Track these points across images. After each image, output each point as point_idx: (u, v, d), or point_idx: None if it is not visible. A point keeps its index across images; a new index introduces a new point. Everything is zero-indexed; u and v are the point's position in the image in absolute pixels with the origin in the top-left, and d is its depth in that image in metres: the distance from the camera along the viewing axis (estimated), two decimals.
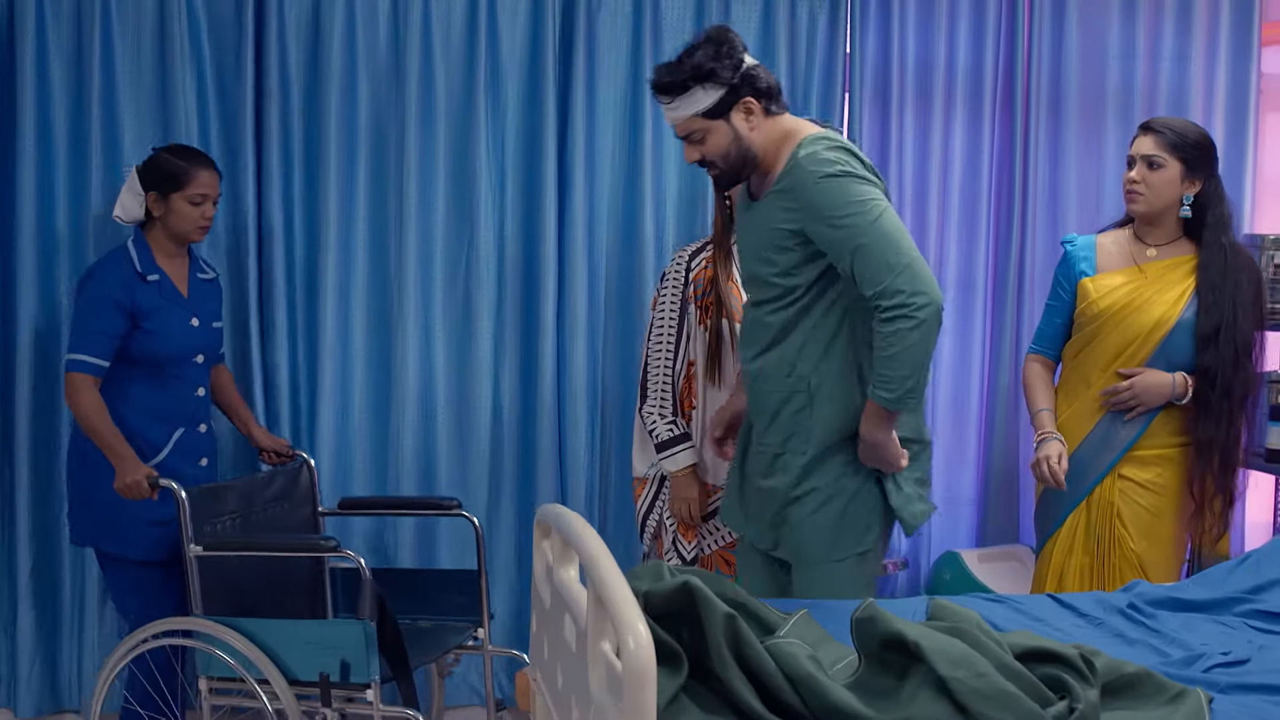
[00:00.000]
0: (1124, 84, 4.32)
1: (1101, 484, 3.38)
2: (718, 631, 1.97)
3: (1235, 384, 3.27)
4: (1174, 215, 3.34)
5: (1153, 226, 3.37)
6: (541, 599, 2.55)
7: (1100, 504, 3.37)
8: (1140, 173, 3.31)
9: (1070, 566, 3.41)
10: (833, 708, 1.91)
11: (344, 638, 3.00)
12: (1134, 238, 3.42)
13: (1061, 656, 1.98)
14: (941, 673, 1.88)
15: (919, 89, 4.24)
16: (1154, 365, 3.33)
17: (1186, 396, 3.28)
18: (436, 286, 3.96)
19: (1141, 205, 3.33)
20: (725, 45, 2.77)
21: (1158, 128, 3.33)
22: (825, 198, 2.72)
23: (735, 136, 2.80)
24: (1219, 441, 3.29)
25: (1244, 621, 2.64)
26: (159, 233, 3.39)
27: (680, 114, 2.79)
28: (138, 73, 3.74)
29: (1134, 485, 3.34)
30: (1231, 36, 4.32)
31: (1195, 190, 3.30)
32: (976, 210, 4.31)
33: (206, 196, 3.37)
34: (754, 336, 2.92)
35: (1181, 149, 3.28)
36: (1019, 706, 1.86)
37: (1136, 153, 3.33)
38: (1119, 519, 3.33)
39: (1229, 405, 3.27)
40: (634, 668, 1.77)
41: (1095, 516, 3.38)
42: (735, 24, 4.06)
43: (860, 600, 2.09)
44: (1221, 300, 3.25)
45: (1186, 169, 3.29)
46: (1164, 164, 3.28)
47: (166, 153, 3.39)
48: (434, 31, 3.89)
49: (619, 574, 1.96)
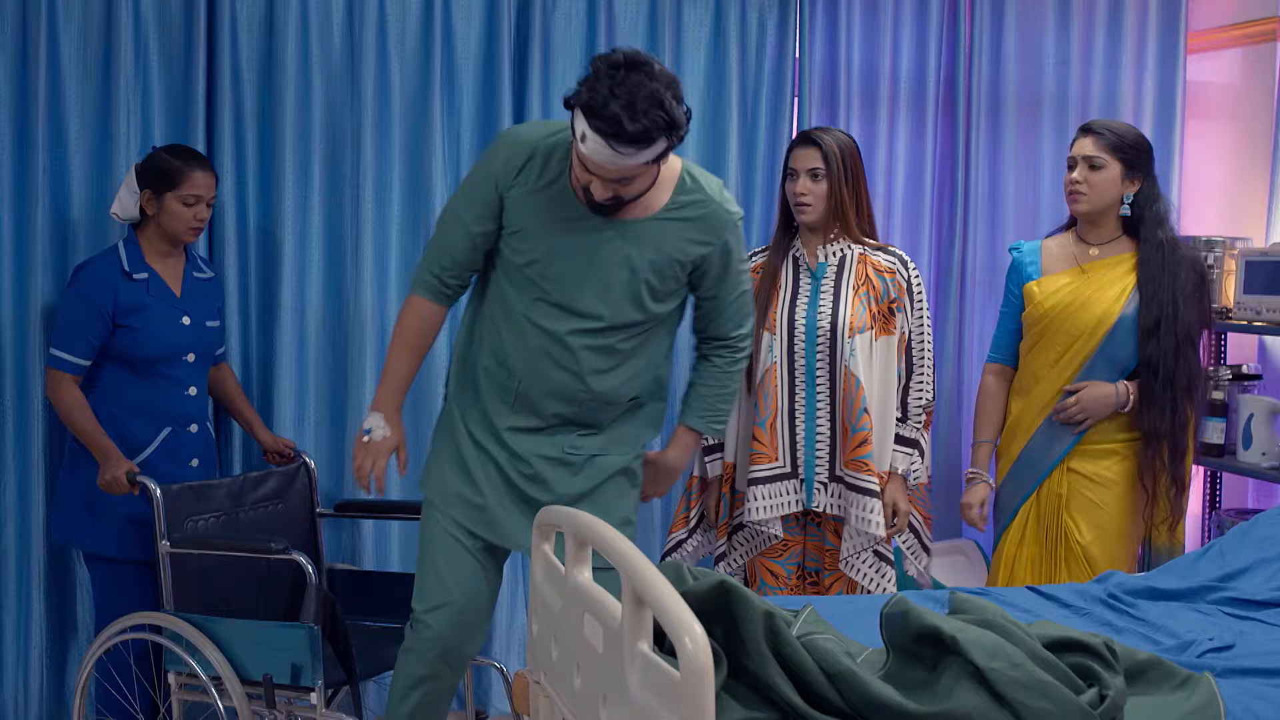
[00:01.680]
0: (1059, 89, 4.46)
1: (1050, 477, 3.49)
2: (757, 629, 2.00)
3: (1178, 374, 3.37)
4: (1114, 214, 3.47)
5: (1094, 226, 3.49)
6: (546, 602, 2.55)
7: (1049, 497, 3.49)
8: (1082, 173, 3.43)
9: (1021, 557, 3.53)
10: (875, 701, 1.95)
11: (290, 640, 3.00)
12: (1077, 239, 3.54)
13: (1087, 645, 2.04)
14: (980, 664, 1.93)
15: (864, 93, 4.32)
16: (1098, 361, 3.44)
17: (1129, 404, 3.40)
18: (392, 289, 3.93)
19: (1084, 205, 3.45)
20: (678, 89, 2.67)
21: (1097, 129, 3.45)
22: (738, 238, 2.97)
23: (654, 176, 2.81)
24: (1166, 431, 3.39)
25: (1219, 609, 2.75)
26: (152, 231, 3.39)
27: (632, 162, 2.65)
28: (83, 70, 3.65)
29: (1082, 479, 3.45)
30: (1159, 45, 4.48)
31: (1135, 189, 3.43)
32: (920, 212, 4.40)
33: (200, 198, 3.36)
34: (596, 362, 2.95)
35: (1121, 149, 3.40)
36: (1056, 694, 1.92)
37: (1078, 154, 3.45)
38: (1067, 511, 3.44)
39: (1173, 394, 3.38)
40: (693, 667, 1.79)
41: (1044, 509, 3.50)
42: (686, 28, 4.11)
43: (888, 596, 2.13)
44: (1161, 293, 3.36)
45: (1126, 169, 3.41)
46: (1104, 164, 3.40)
47: (165, 152, 3.39)
48: (389, 31, 3.87)
49: (660, 575, 1.98)
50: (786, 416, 3.41)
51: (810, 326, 3.40)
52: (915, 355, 3.47)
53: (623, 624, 2.05)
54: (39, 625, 3.66)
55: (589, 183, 2.73)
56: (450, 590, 2.95)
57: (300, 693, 3.06)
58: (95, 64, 3.65)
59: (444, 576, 2.96)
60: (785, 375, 3.42)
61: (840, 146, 3.40)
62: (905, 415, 3.45)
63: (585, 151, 2.65)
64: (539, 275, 2.88)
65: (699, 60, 4.12)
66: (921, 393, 3.46)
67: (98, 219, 3.66)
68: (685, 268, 2.92)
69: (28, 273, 3.61)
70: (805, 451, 3.41)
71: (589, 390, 2.92)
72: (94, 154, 3.67)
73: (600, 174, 2.70)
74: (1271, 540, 2.96)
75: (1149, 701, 2.10)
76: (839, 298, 3.40)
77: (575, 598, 2.34)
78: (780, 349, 3.42)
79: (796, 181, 3.42)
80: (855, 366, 3.35)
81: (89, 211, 3.67)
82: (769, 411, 3.42)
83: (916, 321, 3.46)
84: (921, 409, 3.47)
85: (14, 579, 3.65)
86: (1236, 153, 4.56)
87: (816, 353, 3.40)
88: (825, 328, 3.38)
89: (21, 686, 3.67)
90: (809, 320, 3.40)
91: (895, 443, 3.43)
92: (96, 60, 3.65)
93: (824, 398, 3.40)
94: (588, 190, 2.75)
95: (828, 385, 3.40)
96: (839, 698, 2.00)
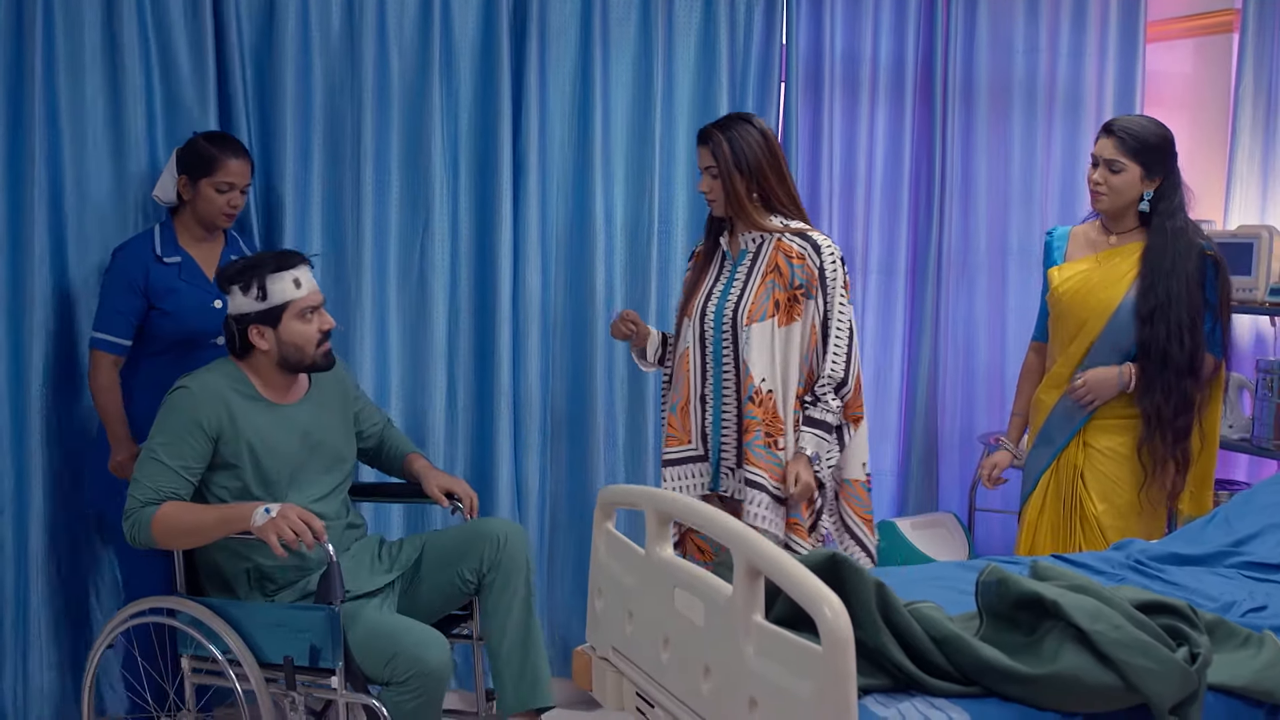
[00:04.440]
0: (1028, 77, 4.61)
1: (1067, 449, 3.62)
2: (870, 598, 2.08)
3: (1176, 357, 3.45)
4: (1135, 209, 3.56)
5: (1116, 219, 3.60)
6: (615, 579, 2.60)
7: (1065, 467, 3.63)
8: (1102, 175, 3.50)
9: (1042, 524, 3.67)
10: (984, 664, 2.05)
11: (309, 622, 3.02)
12: (1101, 227, 3.64)
13: (1173, 607, 2.16)
14: (1084, 626, 2.04)
15: (846, 80, 4.43)
16: (1103, 344, 3.56)
17: (1131, 384, 3.54)
18: (391, 272, 3.94)
19: (1104, 204, 3.54)
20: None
21: (1118, 131, 3.49)
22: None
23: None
24: (1166, 413, 3.51)
25: (1238, 572, 2.89)
26: (188, 216, 3.45)
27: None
28: (79, 56, 3.57)
29: (1096, 452, 3.58)
30: (1119, 34, 4.65)
31: (1155, 187, 3.50)
32: (898, 196, 4.53)
33: (233, 185, 3.39)
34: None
35: (1140, 153, 3.47)
36: (1156, 653, 2.04)
37: (1099, 154, 3.51)
38: (1082, 481, 3.58)
39: (1171, 377, 3.49)
40: (836, 637, 1.87)
41: (1062, 480, 3.64)
42: (678, 15, 4.16)
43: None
44: (1159, 281, 3.46)
45: (1145, 171, 3.47)
46: (1124, 168, 3.47)
47: (203, 138, 3.41)
48: (388, 14, 3.86)
49: (779, 549, 2.05)
50: (698, 401, 3.47)
51: (718, 314, 3.43)
52: (826, 339, 3.40)
53: (735, 597, 2.12)
54: (38, 617, 3.60)
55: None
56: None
57: (320, 675, 3.06)
58: (97, 55, 3.59)
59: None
60: (697, 361, 3.46)
61: (731, 139, 3.38)
62: (816, 399, 3.40)
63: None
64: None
65: (690, 45, 4.18)
66: (831, 375, 3.38)
67: (108, 202, 3.62)
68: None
69: (24, 258, 3.53)
70: (712, 436, 3.47)
71: None
72: (103, 138, 3.61)
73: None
74: (1275, 507, 3.12)
75: (1221, 659, 2.23)
76: (746, 285, 3.42)
77: (661, 573, 2.40)
78: (694, 336, 3.46)
79: (702, 179, 3.46)
80: (748, 354, 3.35)
81: (91, 195, 3.61)
82: (680, 396, 3.47)
83: (830, 309, 3.39)
84: (829, 390, 3.37)
85: (11, 570, 3.59)
86: (1193, 140, 4.75)
87: (723, 340, 3.43)
88: (729, 316, 3.41)
89: (21, 679, 3.61)
90: (718, 308, 3.44)
91: (804, 424, 3.38)
92: (98, 51, 3.59)
93: (729, 384, 3.44)
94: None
95: (733, 372, 3.42)
96: (946, 661, 2.09)
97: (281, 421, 3.17)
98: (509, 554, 3.29)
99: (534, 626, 3.29)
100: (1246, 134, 4.48)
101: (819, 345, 3.39)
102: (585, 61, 4.07)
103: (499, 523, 3.39)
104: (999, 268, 4.64)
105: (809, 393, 3.39)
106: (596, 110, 4.07)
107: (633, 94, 4.14)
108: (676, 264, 4.22)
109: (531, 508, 4.13)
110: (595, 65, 4.06)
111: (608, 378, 4.15)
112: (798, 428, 3.37)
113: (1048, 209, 4.66)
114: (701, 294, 3.48)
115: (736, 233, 3.47)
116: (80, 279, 3.61)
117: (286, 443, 3.16)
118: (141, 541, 3.03)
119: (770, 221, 3.41)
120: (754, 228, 3.43)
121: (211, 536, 3.03)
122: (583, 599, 4.18)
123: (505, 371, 4.02)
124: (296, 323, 3.11)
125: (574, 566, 4.20)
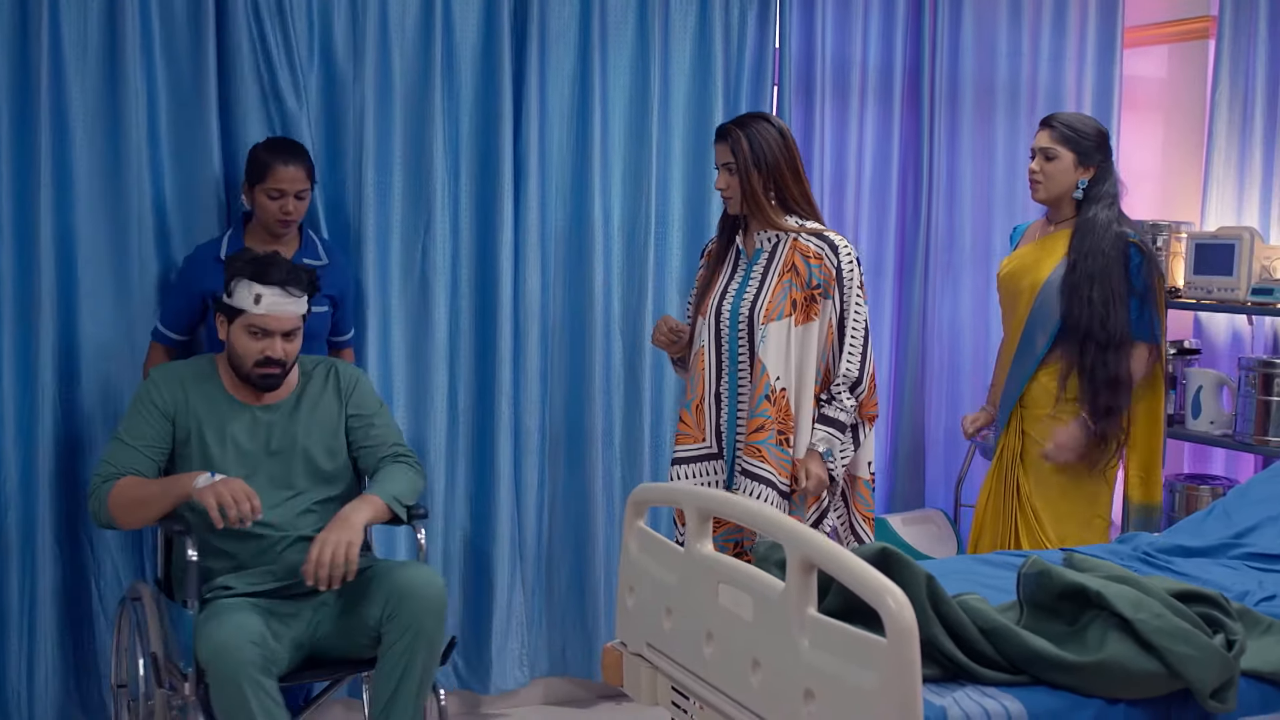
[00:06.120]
0: (1011, 80, 4.71)
1: (1007, 437, 3.81)
2: (921, 590, 2.15)
3: (1095, 333, 3.61)
4: (1071, 198, 3.74)
5: (1055, 209, 3.81)
6: (651, 575, 2.64)
7: (1006, 454, 3.81)
8: (1039, 164, 3.74)
9: (989, 509, 3.85)
10: (1032, 654, 2.12)
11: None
12: (1045, 220, 3.87)
13: (1208, 596, 2.25)
14: (1127, 615, 2.12)
15: (836, 83, 4.50)
16: (1032, 321, 3.75)
17: (1086, 423, 3.64)
18: (393, 273, 3.95)
19: (1041, 192, 3.77)
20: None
21: (1053, 123, 3.74)
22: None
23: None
24: (1091, 385, 3.65)
25: (1243, 563, 3.00)
26: (255, 221, 3.51)
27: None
28: (84, 56, 3.56)
29: (1031, 440, 3.76)
30: (1097, 39, 4.76)
31: (1089, 175, 3.72)
32: (886, 197, 4.61)
33: (284, 192, 3.43)
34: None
35: (1073, 141, 3.69)
36: (1196, 640, 2.12)
37: (1036, 146, 3.75)
38: (1021, 467, 3.75)
39: (1091, 351, 3.63)
40: (900, 627, 1.93)
41: (1003, 466, 3.82)
42: (674, 19, 4.21)
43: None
44: (1081, 261, 3.65)
45: (1079, 158, 3.70)
46: (1058, 155, 3.70)
47: (262, 145, 3.46)
48: (390, 17, 3.88)
49: (835, 544, 2.11)
50: (713, 399, 3.49)
51: (734, 313, 3.45)
52: (842, 339, 3.43)
53: (788, 591, 2.17)
54: (44, 615, 3.58)
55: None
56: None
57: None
58: (98, 53, 3.57)
59: None
60: (713, 359, 3.48)
61: (751, 137, 3.40)
62: (832, 398, 3.43)
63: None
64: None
65: (686, 49, 4.23)
66: (846, 374, 3.41)
67: (103, 204, 3.61)
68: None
69: (31, 258, 3.53)
70: (727, 434, 3.48)
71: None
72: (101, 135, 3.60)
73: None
74: (1272, 500, 3.23)
75: (1251, 645, 2.31)
76: (763, 284, 3.44)
77: (704, 569, 2.44)
78: (709, 334, 3.49)
79: (718, 176, 3.49)
80: (764, 353, 3.38)
81: (92, 195, 3.60)
82: (695, 394, 3.50)
83: (846, 309, 3.43)
84: (845, 390, 3.41)
85: (17, 568, 3.57)
86: (1169, 143, 4.88)
87: (738, 339, 3.45)
88: (745, 315, 3.43)
89: (26, 678, 3.60)
90: (734, 307, 3.46)
91: (817, 422, 3.42)
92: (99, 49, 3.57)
93: (745, 383, 3.45)
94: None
95: (749, 371, 3.44)
96: (994, 651, 2.16)
97: (240, 419, 3.20)
98: (407, 614, 3.03)
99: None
100: (1222, 138, 4.60)
101: (835, 344, 3.43)
102: (584, 64, 4.10)
103: (413, 571, 3.12)
104: (983, 266, 4.73)
105: (824, 391, 3.43)
106: (595, 113, 4.11)
107: (630, 97, 4.18)
108: (672, 265, 4.27)
109: (530, 507, 4.16)
110: (594, 68, 4.09)
111: (605, 377, 4.19)
112: (812, 425, 3.41)
113: (1029, 209, 4.74)
114: (716, 292, 3.51)
115: (751, 231, 3.51)
116: (89, 278, 3.60)
117: (242, 441, 3.18)
118: (103, 520, 3.11)
119: (786, 221, 3.45)
120: (769, 226, 3.46)
121: (159, 507, 3.07)
122: (580, 599, 4.22)
123: (506, 371, 4.05)
124: (243, 334, 3.13)
125: (571, 565, 4.23)
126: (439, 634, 3.07)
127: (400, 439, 3.38)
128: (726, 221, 3.58)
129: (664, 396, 4.29)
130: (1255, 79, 4.54)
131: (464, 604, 4.13)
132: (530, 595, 4.18)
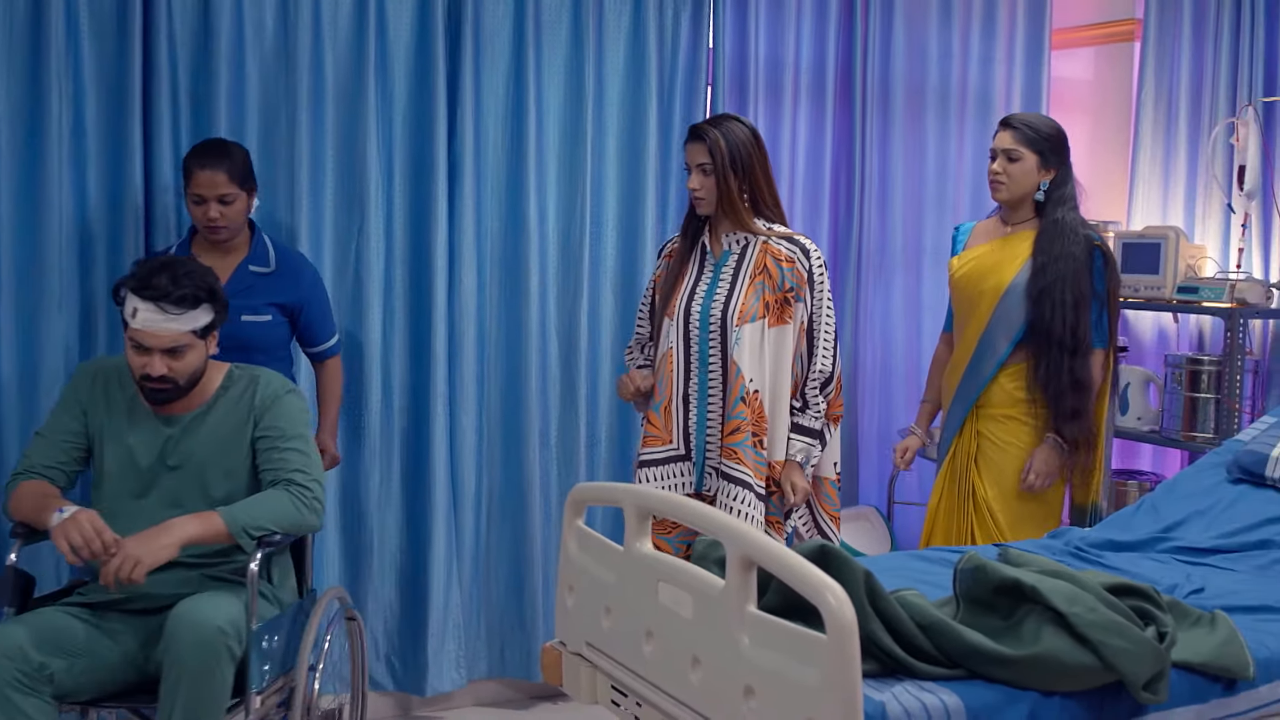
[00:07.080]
0: (941, 82, 4.76)
1: (962, 436, 3.79)
2: (859, 587, 2.16)
3: (1062, 335, 3.61)
4: (1031, 200, 3.74)
5: (1014, 210, 3.78)
6: (590, 574, 2.64)
7: (961, 455, 3.80)
8: (1001, 165, 3.71)
9: (941, 508, 3.85)
10: (969, 648, 2.15)
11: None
12: (999, 221, 3.83)
13: (1139, 590, 2.28)
14: (1061, 609, 2.15)
15: (770, 83, 4.53)
16: (995, 324, 3.72)
17: (1060, 443, 3.66)
18: (326, 273, 3.91)
19: (1004, 194, 3.73)
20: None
21: (1015, 124, 3.71)
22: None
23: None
24: (1063, 389, 3.64)
25: (1171, 557, 3.05)
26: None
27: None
28: (9, 55, 3.51)
29: (987, 440, 3.75)
30: (1025, 41, 4.82)
31: (1050, 177, 3.71)
32: (819, 197, 4.64)
33: (204, 198, 3.33)
34: None
35: (1036, 142, 3.68)
36: (1129, 633, 2.15)
37: (998, 147, 3.71)
38: (975, 468, 3.75)
39: (1054, 355, 3.62)
40: (840, 623, 1.94)
41: (957, 465, 3.82)
42: (608, 18, 4.21)
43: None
44: (1049, 264, 3.63)
45: (1041, 160, 3.69)
46: (1021, 156, 3.68)
47: (191, 149, 3.36)
48: (323, 16, 3.84)
49: (773, 540, 2.12)
50: (681, 401, 3.50)
51: (704, 314, 3.47)
52: (813, 343, 3.47)
53: (728, 589, 2.18)
54: None
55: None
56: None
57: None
58: (23, 49, 3.52)
59: None
60: (681, 361, 3.49)
61: (728, 138, 3.42)
62: (805, 404, 3.48)
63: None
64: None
65: (620, 49, 4.23)
66: (820, 371, 3.47)
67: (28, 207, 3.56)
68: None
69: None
70: (696, 436, 3.49)
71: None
72: (23, 138, 3.54)
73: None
74: (1199, 495, 3.30)
75: (1181, 638, 2.35)
76: (734, 286, 3.45)
77: (643, 568, 2.45)
78: (677, 335, 3.49)
79: (690, 176, 3.48)
80: (739, 355, 3.40)
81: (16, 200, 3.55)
82: (664, 396, 3.50)
83: (816, 310, 3.47)
84: (820, 398, 3.47)
85: None
86: (1096, 142, 4.95)
87: (709, 340, 3.46)
88: (717, 316, 3.45)
89: None
90: (704, 308, 3.47)
91: (792, 431, 3.46)
92: (24, 45, 3.52)
93: (715, 384, 3.47)
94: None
95: (720, 372, 3.46)
96: (931, 646, 2.18)
97: (143, 429, 3.03)
98: (174, 649, 2.75)
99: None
100: (1148, 138, 4.69)
101: (806, 346, 3.46)
102: (519, 64, 4.09)
103: (193, 606, 2.81)
104: (914, 266, 4.78)
105: (797, 397, 3.45)
106: (530, 112, 4.10)
107: (565, 96, 4.18)
108: (608, 264, 4.27)
109: (467, 507, 4.14)
110: (529, 68, 4.08)
111: (541, 377, 4.18)
112: (788, 436, 3.44)
113: (960, 209, 4.81)
114: (682, 293, 3.50)
115: (719, 233, 3.50)
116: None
117: (139, 454, 3.02)
118: (10, 516, 3.00)
119: (756, 223, 3.46)
120: (739, 228, 3.46)
121: (38, 526, 2.91)
122: (518, 597, 4.21)
123: (441, 372, 4.03)
124: (129, 346, 2.95)
125: (508, 565, 4.22)
126: (209, 672, 2.75)
127: (307, 468, 3.04)
128: (691, 222, 3.57)
129: (600, 396, 4.29)
130: (1179, 81, 4.63)
131: (400, 605, 4.11)
132: (467, 596, 4.16)
